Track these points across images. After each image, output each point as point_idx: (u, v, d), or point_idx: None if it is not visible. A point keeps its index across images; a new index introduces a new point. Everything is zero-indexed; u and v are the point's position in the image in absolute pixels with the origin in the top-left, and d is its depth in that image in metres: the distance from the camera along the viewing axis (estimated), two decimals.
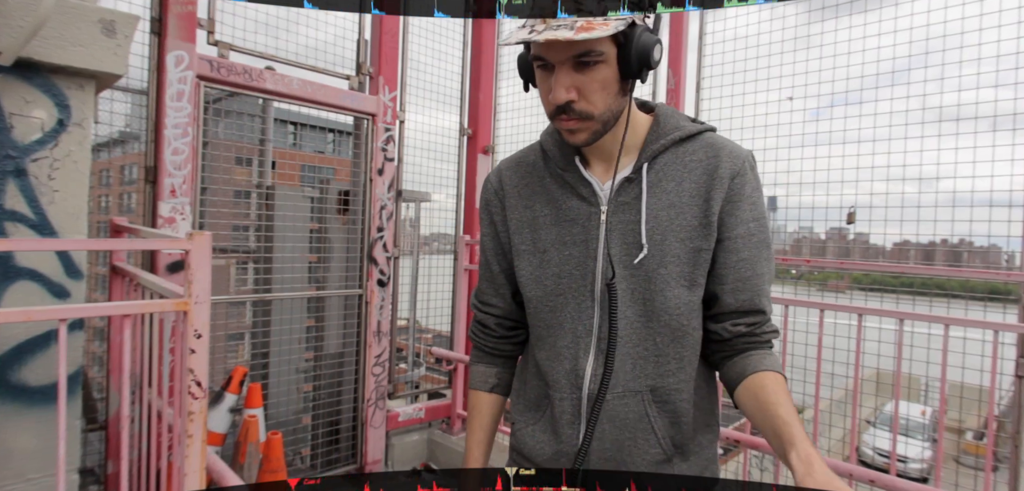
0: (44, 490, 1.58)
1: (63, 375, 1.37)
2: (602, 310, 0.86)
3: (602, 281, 0.86)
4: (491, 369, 1.03)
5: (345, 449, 3.38)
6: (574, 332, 0.88)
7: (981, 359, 2.05)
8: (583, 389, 0.87)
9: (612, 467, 0.87)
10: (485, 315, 1.02)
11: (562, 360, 0.89)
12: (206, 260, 1.51)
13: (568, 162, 0.90)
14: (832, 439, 2.68)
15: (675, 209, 0.85)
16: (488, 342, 1.02)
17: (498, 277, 0.99)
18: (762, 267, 0.87)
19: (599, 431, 0.86)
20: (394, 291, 3.44)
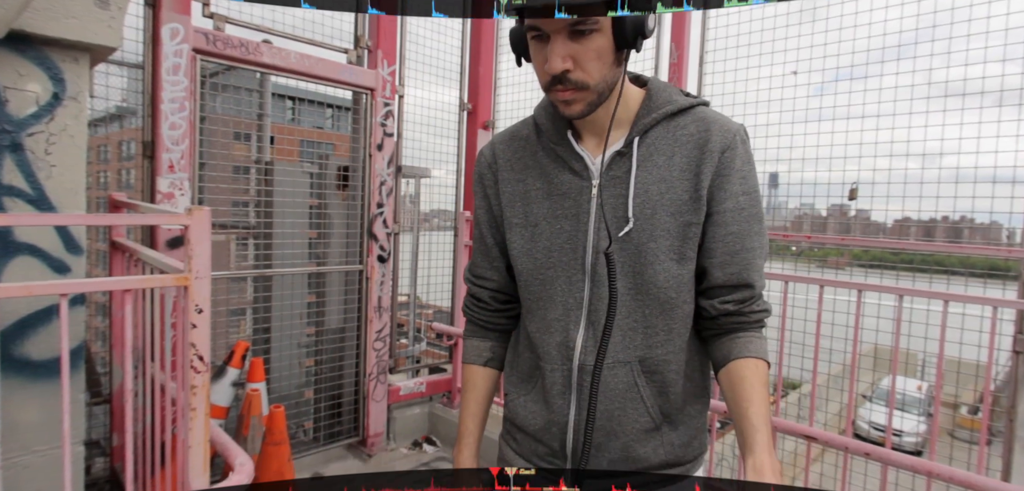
0: (50, 462, 1.60)
1: (65, 349, 1.38)
2: (592, 283, 0.87)
3: (593, 254, 0.86)
4: (485, 343, 1.03)
5: (347, 422, 3.42)
6: (565, 305, 0.89)
7: (979, 335, 2.06)
8: (574, 360, 0.88)
9: (602, 436, 0.88)
10: (479, 288, 1.02)
11: (553, 332, 0.90)
12: (206, 235, 1.51)
13: (560, 136, 0.90)
14: (829, 413, 2.71)
15: (665, 183, 0.85)
16: (482, 316, 1.03)
17: (492, 250, 0.99)
18: (752, 241, 0.87)
19: (589, 402, 0.87)
20: (394, 267, 3.45)
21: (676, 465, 0.92)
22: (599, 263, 0.86)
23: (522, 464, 0.96)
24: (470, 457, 0.99)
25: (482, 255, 1.01)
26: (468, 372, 1.03)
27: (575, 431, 0.89)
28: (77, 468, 1.68)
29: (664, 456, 0.90)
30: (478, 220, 1.01)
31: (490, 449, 1.01)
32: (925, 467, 1.92)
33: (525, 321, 0.96)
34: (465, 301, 1.06)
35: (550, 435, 0.92)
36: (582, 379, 0.88)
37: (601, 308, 0.86)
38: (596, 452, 0.89)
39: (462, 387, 1.05)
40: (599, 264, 0.86)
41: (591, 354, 0.87)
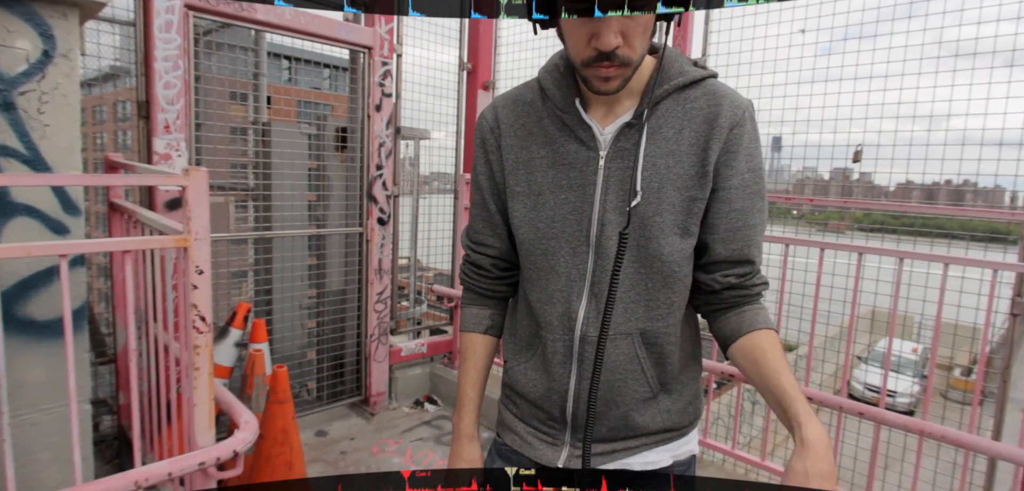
0: (57, 419, 1.63)
1: (67, 310, 1.39)
2: (596, 255, 0.86)
3: (598, 227, 0.85)
4: (484, 311, 1.02)
5: (350, 382, 3.47)
6: (568, 276, 0.88)
7: (977, 298, 2.07)
8: (576, 331, 0.88)
9: (602, 405, 0.89)
10: (480, 255, 1.00)
11: (555, 303, 0.89)
12: (204, 196, 1.50)
13: (567, 103, 0.87)
14: (824, 374, 2.75)
15: (673, 157, 0.84)
16: (482, 283, 1.01)
17: (495, 217, 0.97)
18: (754, 218, 0.87)
19: (589, 370, 0.88)
20: (394, 230, 3.45)
21: (673, 430, 0.93)
22: (604, 236, 0.85)
23: (522, 428, 0.96)
24: (471, 424, 0.99)
25: (484, 221, 0.99)
26: (467, 340, 1.02)
27: (575, 400, 0.90)
28: (84, 425, 1.71)
29: (662, 423, 0.92)
30: (479, 185, 0.98)
31: (490, 410, 1.02)
32: (917, 426, 1.95)
33: (526, 289, 0.95)
34: (463, 269, 1.04)
35: (550, 402, 0.92)
36: (584, 350, 0.88)
37: (604, 280, 0.86)
38: (596, 420, 0.89)
39: (461, 354, 1.04)
40: (604, 237, 0.85)
41: (593, 325, 0.87)
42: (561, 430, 0.93)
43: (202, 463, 1.51)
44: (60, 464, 1.66)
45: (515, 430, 0.98)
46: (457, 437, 1.00)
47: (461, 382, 1.01)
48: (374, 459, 2.91)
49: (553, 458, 0.92)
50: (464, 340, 1.03)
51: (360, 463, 2.86)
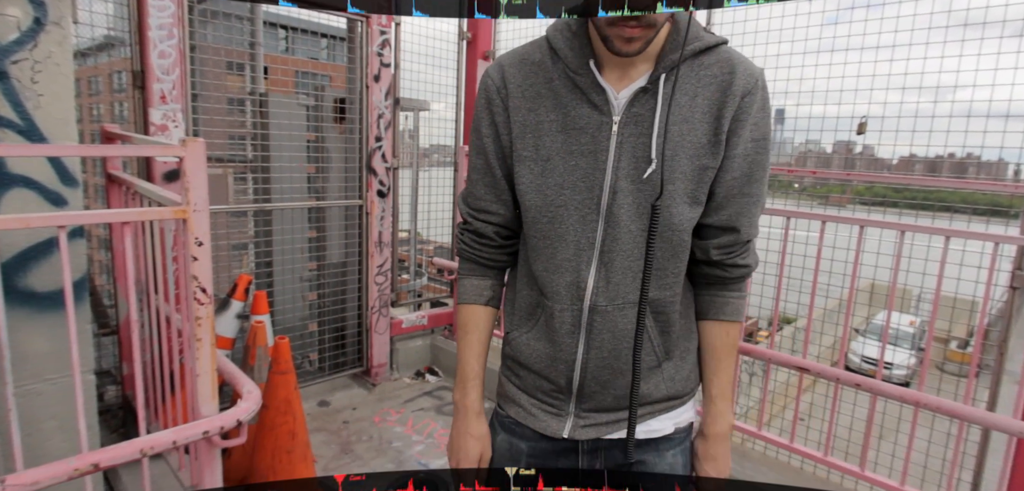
0: (62, 389, 1.65)
1: (68, 281, 1.39)
2: (607, 223, 0.84)
3: (609, 195, 0.83)
4: (485, 282, 0.99)
5: (351, 353, 3.51)
6: (577, 245, 0.85)
7: (977, 271, 2.07)
8: (585, 301, 0.86)
9: (608, 374, 0.89)
10: (483, 223, 0.96)
11: (563, 272, 0.87)
12: (201, 167, 1.48)
13: (581, 64, 0.83)
14: (822, 346, 2.77)
15: (688, 124, 0.83)
16: (483, 253, 0.97)
17: (501, 182, 0.93)
18: (751, 188, 0.86)
19: (598, 341, 0.87)
20: (394, 202, 3.43)
21: (675, 398, 0.94)
22: (616, 204, 0.83)
23: (526, 400, 0.95)
24: (477, 399, 0.97)
25: (488, 188, 0.94)
26: (469, 312, 0.98)
27: (582, 369, 0.89)
28: (89, 395, 1.73)
29: (665, 391, 0.92)
30: (483, 149, 0.93)
31: (490, 380, 1.01)
32: (913, 397, 1.97)
33: (529, 258, 0.92)
34: (462, 238, 1.00)
35: (556, 372, 0.91)
36: (593, 320, 0.87)
37: (615, 249, 0.84)
38: (601, 389, 0.89)
39: (461, 327, 0.99)
40: (616, 205, 0.83)
41: (603, 295, 0.85)
42: (566, 400, 0.92)
43: (206, 432, 1.53)
44: (66, 433, 1.68)
45: (518, 402, 0.97)
46: (463, 413, 0.97)
47: (464, 356, 0.98)
48: (376, 428, 2.95)
49: (558, 429, 0.92)
50: (464, 313, 0.99)
51: (362, 432, 2.90)
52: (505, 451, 0.98)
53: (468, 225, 0.99)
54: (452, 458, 0.99)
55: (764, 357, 2.34)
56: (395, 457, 2.71)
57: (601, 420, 0.91)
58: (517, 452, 0.96)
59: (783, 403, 3.29)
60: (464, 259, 1.01)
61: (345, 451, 2.74)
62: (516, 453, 0.97)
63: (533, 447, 0.94)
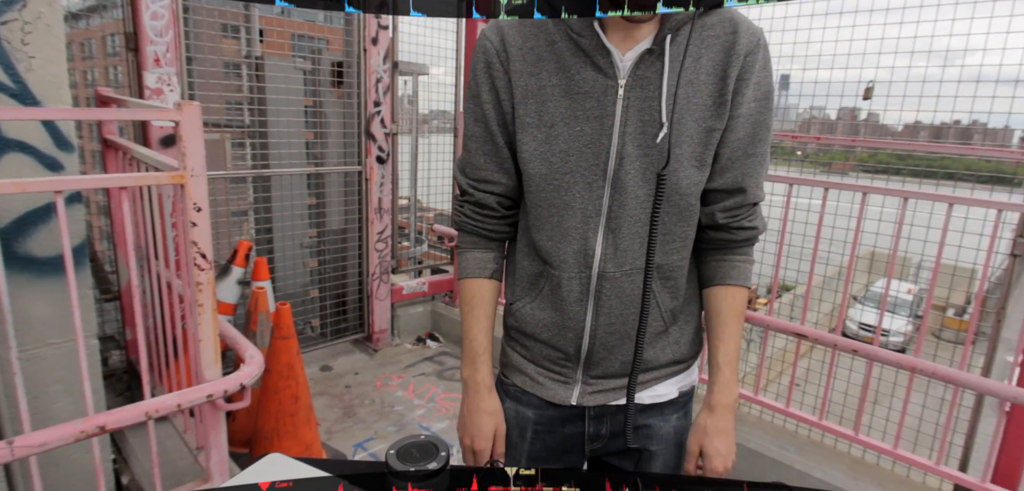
0: (66, 353, 1.66)
1: (67, 246, 1.39)
2: (613, 190, 0.82)
3: (615, 161, 0.81)
4: (488, 254, 0.95)
5: (352, 319, 3.53)
6: (583, 212, 0.84)
7: (979, 239, 2.06)
8: (593, 269, 0.85)
9: (616, 340, 0.88)
10: (485, 194, 0.92)
11: (570, 240, 0.85)
12: (198, 131, 1.46)
13: (585, 25, 0.80)
14: (820, 313, 2.79)
15: (693, 86, 0.81)
16: (486, 225, 0.94)
17: (503, 150, 0.89)
18: (756, 148, 0.85)
19: (607, 307, 0.86)
20: (393, 169, 3.41)
21: (680, 363, 0.94)
22: (623, 170, 0.81)
23: (533, 370, 0.95)
24: (488, 374, 0.94)
25: (489, 156, 0.90)
26: (473, 286, 0.95)
27: (591, 336, 0.88)
28: (93, 359, 1.75)
29: (671, 355, 0.92)
30: (483, 116, 0.89)
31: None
32: (909, 363, 1.99)
33: (531, 228, 0.89)
34: (462, 211, 0.95)
35: (565, 341, 0.90)
36: (601, 287, 0.86)
37: (622, 215, 0.83)
38: (609, 355, 0.89)
39: (466, 302, 0.95)
40: (622, 171, 0.81)
41: (611, 262, 0.84)
42: (573, 368, 0.92)
43: (210, 395, 1.55)
44: (72, 396, 1.70)
45: (525, 372, 0.96)
46: (474, 389, 0.94)
47: (471, 332, 0.94)
48: (378, 393, 2.99)
49: (566, 396, 0.93)
50: (468, 287, 0.95)
51: (365, 397, 2.95)
52: (512, 419, 0.98)
53: (468, 196, 0.94)
54: (465, 436, 0.95)
55: (763, 323, 2.35)
56: (397, 420, 2.76)
57: (608, 386, 0.92)
58: (524, 420, 0.97)
59: (780, 369, 3.33)
60: (465, 232, 0.97)
61: (348, 414, 2.79)
62: (523, 421, 0.97)
63: (540, 415, 0.94)
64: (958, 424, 2.09)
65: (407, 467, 0.71)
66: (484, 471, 0.74)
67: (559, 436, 0.96)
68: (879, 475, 2.13)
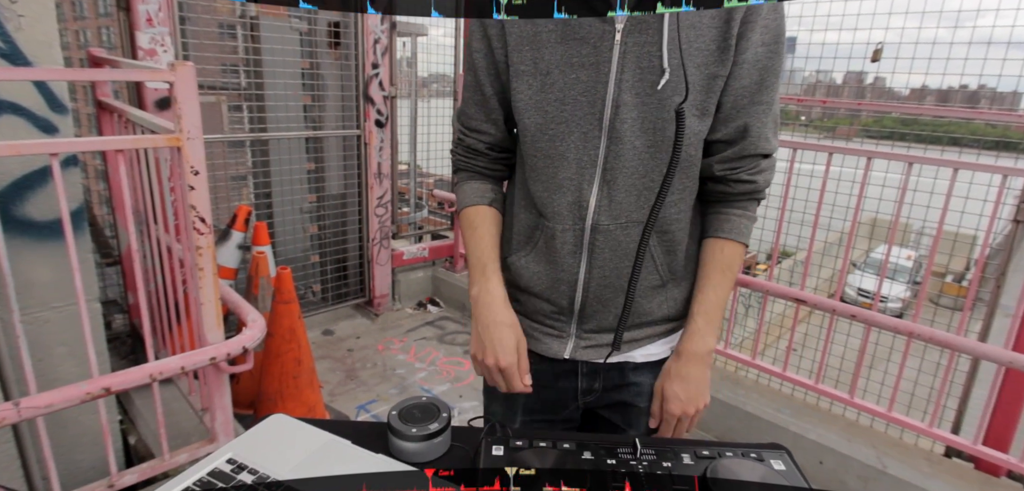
0: (68, 317, 1.67)
1: (65, 209, 1.38)
2: (609, 140, 0.80)
3: (612, 109, 0.78)
4: (486, 185, 0.95)
5: (353, 284, 3.55)
6: (578, 163, 0.82)
7: (983, 204, 2.05)
8: (587, 221, 0.84)
9: (611, 293, 0.87)
10: (474, 140, 0.93)
11: (564, 192, 0.84)
12: (193, 93, 1.44)
13: None
14: (820, 278, 2.80)
15: (695, 31, 0.77)
16: (478, 164, 0.95)
17: (491, 100, 0.89)
18: (763, 95, 0.81)
19: (600, 260, 0.85)
20: (392, 133, 3.37)
21: (674, 321, 0.93)
22: (619, 119, 0.78)
23: (527, 324, 0.94)
24: (500, 284, 0.89)
25: (478, 106, 0.90)
26: (474, 212, 0.93)
27: (584, 289, 0.88)
28: (95, 323, 1.75)
29: (667, 311, 0.91)
30: (475, 65, 0.88)
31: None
32: (907, 328, 2.01)
33: (528, 179, 0.88)
34: (457, 151, 0.97)
35: (558, 294, 0.89)
36: (595, 239, 0.84)
37: (618, 166, 0.80)
38: (602, 308, 0.89)
39: (468, 226, 0.93)
40: (618, 120, 0.79)
41: (605, 214, 0.83)
42: (567, 321, 0.91)
43: (213, 358, 1.57)
44: (77, 359, 1.72)
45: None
46: (487, 302, 0.87)
47: (477, 248, 0.90)
48: (380, 356, 3.03)
49: (559, 350, 0.92)
50: (468, 214, 0.93)
51: (367, 360, 2.98)
52: None
53: (462, 141, 0.96)
54: (486, 355, 0.86)
55: (762, 289, 2.36)
56: (399, 383, 2.80)
57: (602, 341, 0.91)
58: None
59: (778, 334, 3.36)
60: (460, 170, 0.98)
61: (350, 377, 2.82)
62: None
63: (534, 369, 0.93)
64: (953, 388, 2.12)
65: (409, 428, 0.72)
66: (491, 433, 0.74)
67: (553, 390, 0.96)
68: (873, 437, 2.16)
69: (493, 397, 1.01)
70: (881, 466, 1.99)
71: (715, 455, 0.68)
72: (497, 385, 0.88)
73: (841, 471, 2.07)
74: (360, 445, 0.72)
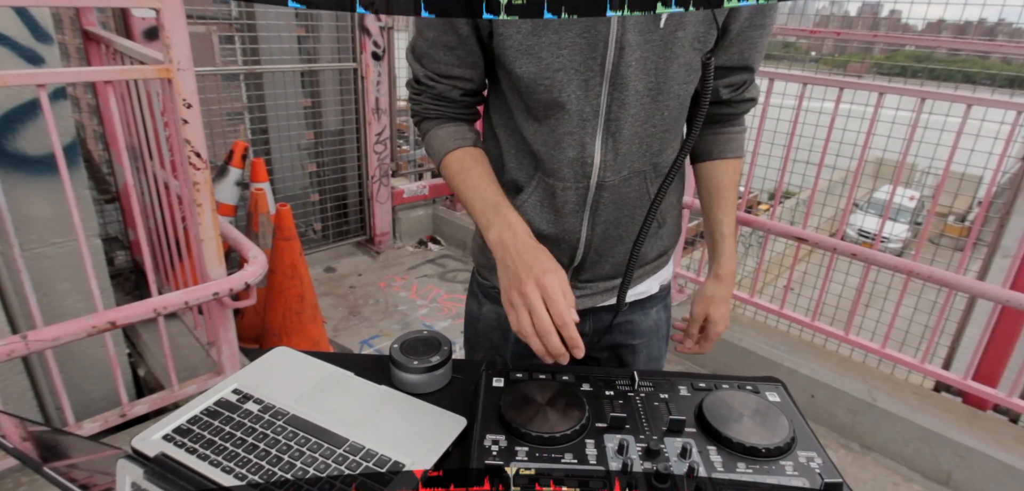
0: (69, 253, 1.67)
1: (57, 144, 1.35)
2: (612, 86, 0.73)
3: (615, 51, 0.71)
4: (463, 127, 0.84)
5: (354, 222, 3.54)
6: (580, 114, 0.74)
7: (993, 142, 2.01)
8: (591, 178, 0.78)
9: (609, 245, 0.84)
10: (446, 87, 0.81)
11: (565, 147, 0.76)
12: (181, 20, 1.38)
13: None
14: (822, 218, 2.78)
15: None
16: (452, 111, 0.84)
17: (468, 41, 0.76)
18: (765, 17, 0.78)
19: (604, 216, 0.82)
20: (390, 67, 3.27)
21: (663, 255, 0.93)
22: (623, 63, 0.71)
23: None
24: (519, 219, 0.75)
25: (449, 51, 0.77)
26: (462, 154, 0.81)
27: (586, 246, 0.84)
28: (97, 259, 1.76)
29: (658, 249, 0.91)
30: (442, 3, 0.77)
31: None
32: (906, 267, 2.01)
33: (522, 130, 0.79)
34: (421, 99, 0.83)
35: (559, 252, 0.83)
36: (599, 196, 0.79)
37: (623, 116, 0.74)
38: (600, 260, 0.86)
39: (460, 169, 0.80)
40: (623, 65, 0.71)
41: (610, 169, 0.77)
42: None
43: (216, 293, 1.58)
44: (81, 295, 1.74)
45: None
46: (516, 236, 0.72)
47: (480, 188, 0.78)
48: (382, 293, 3.06)
49: None
50: (456, 157, 0.81)
51: (369, 297, 3.02)
52: (493, 321, 0.94)
53: (427, 89, 0.82)
54: (530, 277, 0.68)
55: (764, 227, 2.35)
56: (401, 319, 2.84)
57: (597, 289, 0.90)
58: (506, 322, 0.90)
59: (776, 273, 3.38)
60: (426, 118, 0.85)
61: (353, 314, 2.87)
62: (505, 322, 0.88)
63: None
64: (947, 326, 2.15)
65: (411, 360, 0.73)
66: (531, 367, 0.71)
67: None
68: (865, 372, 2.21)
69: (476, 348, 0.99)
70: (871, 399, 2.04)
71: (711, 387, 0.69)
72: (542, 331, 0.66)
73: (831, 404, 2.13)
74: (363, 377, 0.74)
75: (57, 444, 0.58)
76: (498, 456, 0.57)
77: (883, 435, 2.03)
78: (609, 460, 0.57)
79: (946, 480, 1.91)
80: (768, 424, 0.62)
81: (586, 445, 0.59)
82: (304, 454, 0.59)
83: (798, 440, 0.61)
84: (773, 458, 0.58)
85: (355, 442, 0.61)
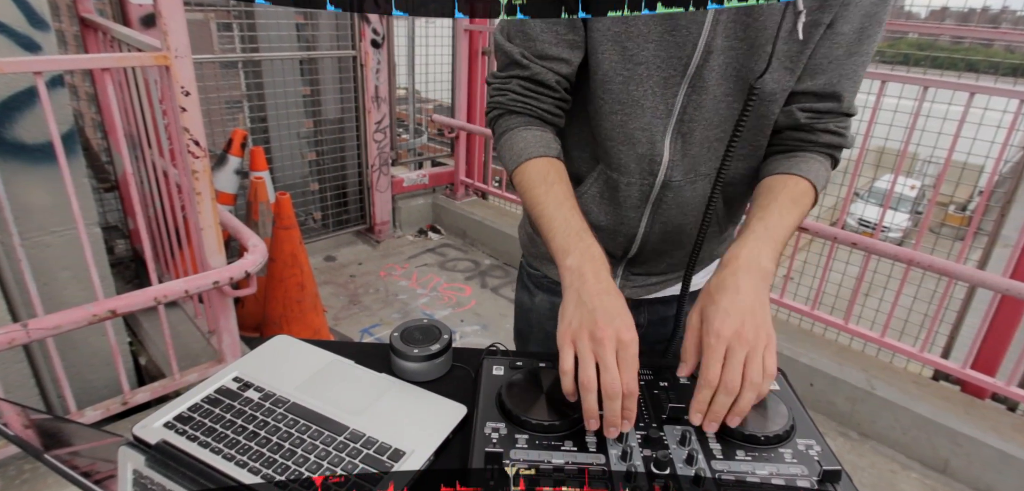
0: (69, 241, 1.67)
1: (55, 132, 1.35)
2: (691, 89, 0.70)
3: (702, 55, 0.68)
4: (549, 135, 0.76)
5: (354, 211, 3.54)
6: (653, 112, 0.72)
7: (995, 131, 2.00)
8: (658, 176, 0.76)
9: (667, 245, 0.83)
10: (546, 71, 0.74)
11: (635, 143, 0.74)
12: (178, 7, 1.37)
13: None
14: (822, 207, 2.78)
15: None
16: (542, 106, 0.76)
17: (576, 19, 0.70)
18: (862, 47, 0.70)
19: (665, 216, 0.80)
20: (389, 55, 3.25)
21: (718, 257, 0.91)
22: (707, 67, 0.69)
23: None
24: (602, 253, 0.67)
25: (550, 26, 0.71)
26: (545, 164, 0.73)
27: (643, 241, 0.82)
28: (97, 248, 1.76)
29: (718, 253, 0.89)
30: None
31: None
32: (907, 255, 2.01)
33: (591, 120, 0.76)
34: (508, 86, 0.76)
35: (614, 245, 0.83)
36: (663, 195, 0.77)
37: (697, 118, 0.72)
38: (656, 258, 0.85)
39: (540, 182, 0.72)
40: (707, 68, 0.69)
41: (678, 170, 0.75)
42: (616, 265, 0.87)
43: (216, 282, 1.58)
44: (81, 283, 1.74)
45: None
46: (596, 273, 0.63)
47: (566, 206, 0.69)
48: (382, 282, 3.06)
49: None
50: (538, 166, 0.73)
51: (369, 286, 3.02)
52: (546, 311, 0.92)
53: (522, 73, 0.75)
54: (596, 327, 0.59)
55: None
56: (401, 308, 2.85)
57: (649, 282, 0.89)
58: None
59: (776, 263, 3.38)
60: (514, 112, 0.77)
61: (353, 302, 2.87)
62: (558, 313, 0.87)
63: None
64: (946, 315, 2.15)
65: (411, 348, 0.73)
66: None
67: None
68: (864, 361, 2.22)
69: (528, 341, 0.94)
70: (870, 387, 2.05)
71: None
72: (609, 392, 0.57)
73: (830, 392, 2.14)
74: (363, 365, 0.74)
75: (58, 432, 0.59)
76: (498, 444, 0.57)
77: (881, 423, 2.04)
78: (609, 448, 0.57)
79: (944, 468, 1.92)
80: (767, 412, 0.62)
81: (586, 433, 0.59)
82: (305, 442, 0.59)
83: (797, 428, 0.61)
84: (772, 446, 0.58)
85: (355, 429, 0.61)
